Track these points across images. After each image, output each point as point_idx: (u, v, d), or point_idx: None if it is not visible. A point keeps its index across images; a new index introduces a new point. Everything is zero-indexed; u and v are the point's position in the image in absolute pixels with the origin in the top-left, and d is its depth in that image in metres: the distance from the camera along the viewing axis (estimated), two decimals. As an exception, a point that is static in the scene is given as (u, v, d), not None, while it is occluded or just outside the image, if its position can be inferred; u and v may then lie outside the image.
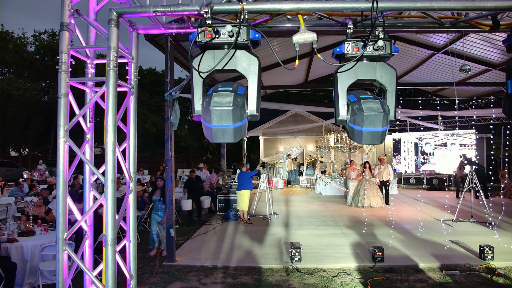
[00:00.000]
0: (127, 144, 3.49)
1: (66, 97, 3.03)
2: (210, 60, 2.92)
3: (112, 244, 2.93)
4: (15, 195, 10.23)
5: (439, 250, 6.84)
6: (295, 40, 2.97)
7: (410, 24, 3.51)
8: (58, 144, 3.02)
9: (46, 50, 25.33)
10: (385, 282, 5.49)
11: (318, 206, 12.18)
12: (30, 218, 6.16)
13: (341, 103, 3.00)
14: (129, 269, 3.45)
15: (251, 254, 6.89)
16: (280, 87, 16.51)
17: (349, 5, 2.83)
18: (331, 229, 8.77)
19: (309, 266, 6.10)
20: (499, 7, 2.81)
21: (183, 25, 3.47)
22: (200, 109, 2.87)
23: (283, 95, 27.24)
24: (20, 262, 5.26)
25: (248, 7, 2.83)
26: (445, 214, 10.00)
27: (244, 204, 9.40)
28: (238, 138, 2.83)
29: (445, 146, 16.33)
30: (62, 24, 3.00)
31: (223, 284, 5.51)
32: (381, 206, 11.58)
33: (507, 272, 5.78)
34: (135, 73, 3.52)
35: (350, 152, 16.55)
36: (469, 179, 8.94)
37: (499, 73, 12.76)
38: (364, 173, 11.98)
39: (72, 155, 3.10)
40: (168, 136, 6.61)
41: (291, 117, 19.71)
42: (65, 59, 3.02)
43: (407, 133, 17.77)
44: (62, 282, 3.01)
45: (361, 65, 3.03)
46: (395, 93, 3.04)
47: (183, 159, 29.35)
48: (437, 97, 19.86)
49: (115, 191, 2.95)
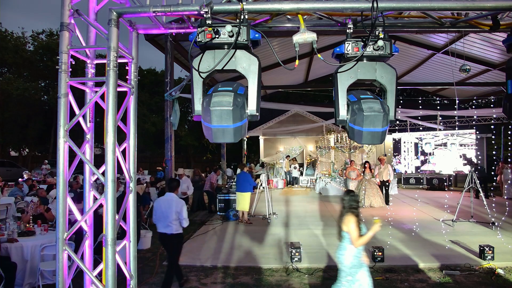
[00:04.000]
0: (127, 144, 3.49)
1: (66, 97, 3.03)
2: (210, 60, 2.92)
3: (112, 244, 2.93)
4: (15, 195, 10.22)
5: (439, 250, 6.84)
6: (295, 40, 2.97)
7: (410, 24, 3.50)
8: (58, 144, 3.02)
9: (45, 50, 25.32)
10: (385, 282, 5.49)
11: (318, 206, 12.18)
12: (30, 218, 6.16)
13: (341, 103, 3.00)
14: (129, 269, 3.45)
15: (251, 254, 6.88)
16: (280, 87, 16.55)
17: (349, 5, 2.83)
18: (331, 229, 8.76)
19: (309, 266, 6.09)
20: (499, 7, 2.81)
21: (183, 25, 3.47)
22: (200, 109, 2.86)
23: (283, 95, 27.23)
24: (20, 262, 5.26)
25: (248, 7, 2.82)
26: (445, 214, 10.00)
27: (245, 204, 9.41)
28: (238, 138, 2.83)
29: (445, 146, 16.34)
30: (62, 24, 3.00)
31: (223, 284, 5.51)
32: (381, 206, 11.58)
33: (507, 272, 5.78)
34: (135, 73, 3.52)
35: (350, 152, 16.56)
36: (469, 179, 8.95)
37: (499, 73, 12.77)
38: (364, 173, 11.98)
39: (72, 155, 3.10)
40: (168, 136, 6.62)
41: (291, 117, 19.71)
42: (65, 59, 3.02)
43: (407, 133, 17.77)
44: (62, 282, 3.01)
45: (361, 65, 3.02)
46: (395, 93, 3.04)
47: (183, 159, 29.34)
48: (437, 97, 19.87)
49: (115, 191, 2.95)
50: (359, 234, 3.64)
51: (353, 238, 3.64)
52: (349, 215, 3.73)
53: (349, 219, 3.70)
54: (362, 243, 3.65)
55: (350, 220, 3.69)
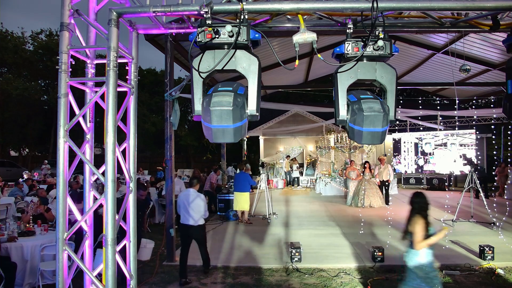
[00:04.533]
0: (127, 144, 3.49)
1: (66, 97, 3.03)
2: (210, 60, 2.91)
3: (112, 244, 2.93)
4: (15, 195, 10.22)
5: (439, 250, 6.82)
6: (295, 40, 2.97)
7: (410, 24, 3.50)
8: (58, 144, 3.02)
9: (45, 50, 25.32)
10: (385, 282, 5.49)
11: (318, 206, 12.18)
12: (30, 218, 6.16)
13: (341, 103, 3.00)
14: (129, 269, 3.45)
15: (251, 254, 6.88)
16: (280, 87, 16.51)
17: (349, 5, 2.83)
18: (331, 229, 8.77)
19: (309, 266, 6.09)
20: (499, 7, 2.81)
21: (183, 25, 3.47)
22: (200, 109, 2.86)
23: (283, 95, 27.20)
24: (20, 262, 5.26)
25: (248, 7, 2.82)
26: (445, 214, 9.99)
27: (246, 204, 9.41)
28: (238, 138, 2.83)
29: (445, 146, 16.33)
30: (62, 24, 3.00)
31: (223, 284, 5.51)
32: (381, 206, 11.58)
33: (507, 272, 5.78)
34: (135, 73, 3.52)
35: (350, 152, 16.55)
36: (469, 179, 8.95)
37: (499, 73, 12.75)
38: (364, 173, 11.98)
39: (72, 155, 3.10)
40: (168, 136, 6.61)
41: (291, 117, 19.70)
42: (65, 59, 3.02)
43: (407, 133, 17.76)
44: (62, 282, 3.01)
45: (361, 65, 3.02)
46: (395, 93, 3.03)
47: (183, 159, 29.33)
48: (437, 97, 19.85)
49: (115, 191, 2.95)
50: (426, 236, 3.68)
51: (416, 240, 3.69)
52: (417, 217, 3.75)
53: (417, 221, 3.72)
54: (424, 245, 3.69)
55: (417, 222, 3.72)
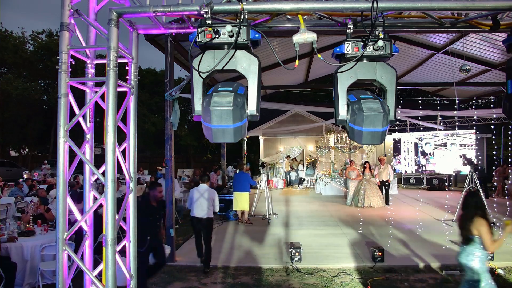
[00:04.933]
0: (127, 144, 3.49)
1: (66, 97, 3.02)
2: (210, 60, 2.91)
3: (112, 244, 2.93)
4: (15, 195, 10.22)
5: (439, 250, 6.84)
6: (295, 40, 2.96)
7: (410, 24, 3.50)
8: (58, 144, 3.02)
9: (45, 50, 25.32)
10: (385, 282, 5.49)
11: (318, 206, 12.18)
12: (30, 218, 6.15)
13: (341, 103, 2.99)
14: (129, 269, 3.45)
15: (251, 254, 6.88)
16: (280, 87, 16.50)
17: (349, 5, 2.83)
18: (331, 229, 8.77)
19: (309, 266, 6.10)
20: (499, 7, 2.80)
21: (183, 25, 3.47)
22: (200, 109, 2.86)
23: (283, 95, 27.21)
24: (20, 262, 5.26)
25: (248, 7, 2.82)
26: (445, 214, 10.00)
27: (245, 204, 9.41)
28: (238, 138, 2.83)
29: (445, 146, 16.33)
30: (62, 24, 2.99)
31: (223, 284, 5.51)
32: (381, 206, 11.58)
33: (507, 272, 5.78)
34: (135, 73, 3.52)
35: (350, 152, 16.55)
36: (469, 179, 8.95)
37: (499, 73, 12.75)
38: (364, 173, 11.98)
39: (72, 155, 3.09)
40: (168, 136, 6.61)
41: (291, 117, 19.71)
42: (65, 59, 3.02)
43: (407, 133, 17.77)
44: (62, 282, 3.01)
45: (361, 65, 3.02)
46: (395, 93, 3.03)
47: (183, 159, 29.33)
48: (437, 97, 19.84)
49: (115, 191, 2.95)
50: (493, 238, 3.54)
51: (487, 243, 3.52)
52: (479, 219, 3.58)
53: (481, 223, 3.55)
54: (497, 247, 3.57)
55: (482, 224, 3.54)
